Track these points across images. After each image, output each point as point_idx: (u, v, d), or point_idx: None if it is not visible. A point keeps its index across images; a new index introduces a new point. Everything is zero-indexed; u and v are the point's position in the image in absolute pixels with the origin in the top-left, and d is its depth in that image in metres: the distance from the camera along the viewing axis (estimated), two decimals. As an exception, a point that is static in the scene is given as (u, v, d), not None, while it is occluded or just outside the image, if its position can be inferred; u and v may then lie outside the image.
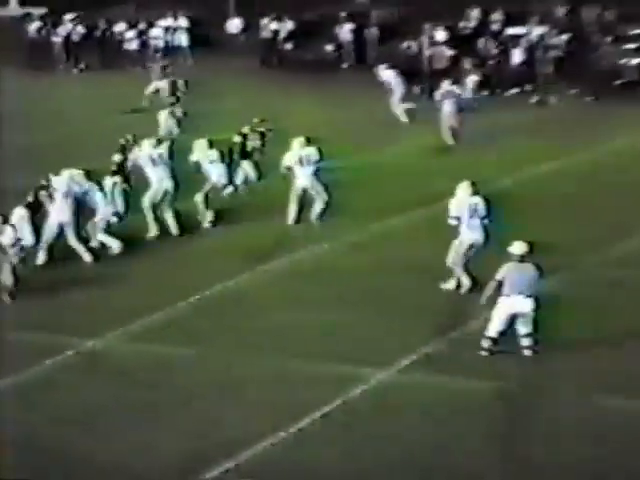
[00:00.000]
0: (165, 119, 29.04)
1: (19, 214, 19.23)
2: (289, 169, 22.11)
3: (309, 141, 22.24)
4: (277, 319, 17.19)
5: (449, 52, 37.18)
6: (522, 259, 15.57)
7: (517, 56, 36.59)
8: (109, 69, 38.73)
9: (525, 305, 15.43)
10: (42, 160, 25.30)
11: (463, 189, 18.27)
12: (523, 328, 15.56)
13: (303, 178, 21.93)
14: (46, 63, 41.10)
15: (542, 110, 33.34)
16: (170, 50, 40.55)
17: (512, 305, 15.46)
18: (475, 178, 22.73)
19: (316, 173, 22.01)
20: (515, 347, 15.54)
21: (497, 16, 40.69)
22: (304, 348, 16.10)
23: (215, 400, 14.76)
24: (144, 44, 40.78)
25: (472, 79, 33.34)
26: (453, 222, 18.22)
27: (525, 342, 15.56)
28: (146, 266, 19.92)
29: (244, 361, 15.80)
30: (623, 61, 34.17)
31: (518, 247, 15.63)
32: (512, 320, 15.51)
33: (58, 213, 19.98)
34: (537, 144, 28.12)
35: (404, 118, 31.40)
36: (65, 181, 20.22)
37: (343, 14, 41.35)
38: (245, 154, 23.57)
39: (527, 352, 15.55)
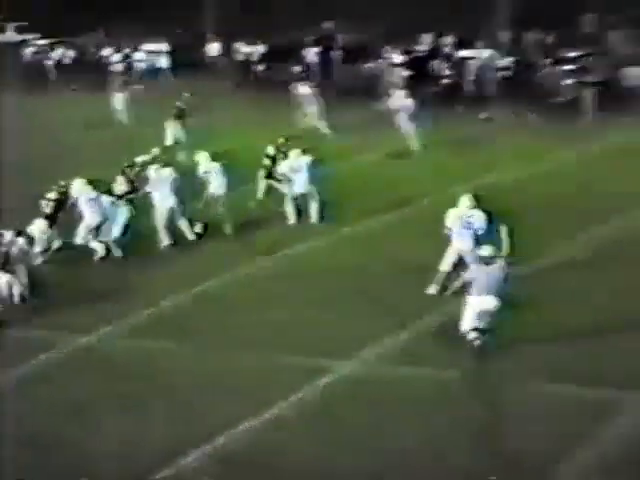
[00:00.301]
0: (173, 129, 28.92)
1: (39, 227, 19.41)
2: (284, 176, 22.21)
3: (304, 151, 22.24)
4: (256, 316, 17.12)
5: (405, 73, 37.22)
6: (489, 261, 15.41)
7: (467, 76, 36.65)
8: (97, 89, 38.54)
9: (492, 304, 15.21)
10: (33, 174, 25.33)
11: (463, 202, 18.01)
12: (480, 323, 15.32)
13: (299, 184, 22.02)
14: (40, 84, 40.91)
15: (489, 125, 33.45)
16: (152, 72, 40.56)
17: (480, 304, 15.25)
18: (437, 184, 23.05)
19: (311, 179, 22.03)
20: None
21: (448, 40, 40.85)
22: (279, 342, 16.04)
23: (195, 390, 14.69)
24: (129, 66, 40.72)
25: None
26: (446, 231, 18.03)
27: (471, 335, 15.32)
28: (140, 268, 19.84)
29: (223, 354, 15.73)
30: (562, 81, 34.27)
31: (486, 250, 15.51)
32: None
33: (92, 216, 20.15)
34: (483, 157, 28.24)
35: (326, 130, 31.52)
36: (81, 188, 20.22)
37: (310, 38, 41.34)
38: (271, 174, 23.04)
39: (477, 342, 15.29)
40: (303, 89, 32.97)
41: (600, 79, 34.26)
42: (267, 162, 23.25)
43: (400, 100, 31.42)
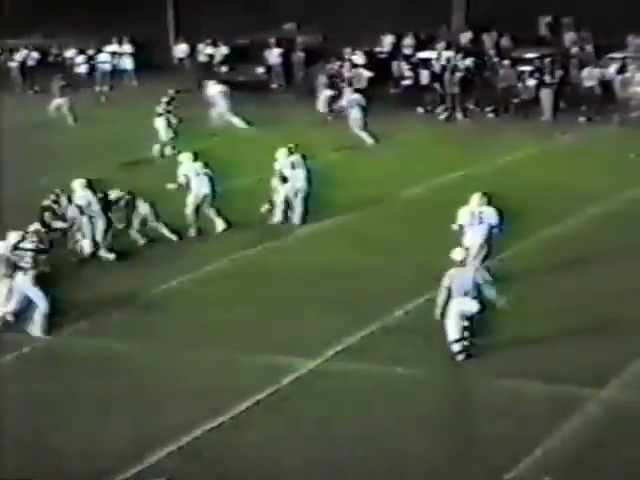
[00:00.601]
0: (163, 126, 29.06)
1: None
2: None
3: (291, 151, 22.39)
4: (217, 315, 17.21)
5: (367, 74, 37.28)
6: (462, 263, 15.37)
7: (427, 77, 36.75)
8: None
9: (472, 306, 15.11)
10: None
11: (474, 199, 18.41)
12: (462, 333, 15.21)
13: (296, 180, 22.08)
14: (4, 86, 40.62)
15: (450, 125, 33.64)
16: (116, 73, 40.45)
17: (459, 305, 15.15)
18: (392, 185, 23.16)
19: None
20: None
21: (408, 41, 40.95)
22: (243, 341, 16.16)
23: (159, 389, 14.76)
24: (93, 68, 40.55)
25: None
26: (455, 227, 18.34)
27: (456, 347, 15.22)
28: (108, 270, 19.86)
29: (187, 353, 15.83)
30: (519, 81, 34.44)
31: (458, 253, 15.45)
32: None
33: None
34: (445, 155, 28.43)
35: (241, 124, 31.96)
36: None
37: (272, 39, 41.32)
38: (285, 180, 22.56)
39: (460, 357, 15.22)
40: (213, 88, 33.10)
41: (558, 80, 34.44)
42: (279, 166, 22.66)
43: (348, 96, 31.86)
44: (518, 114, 33.95)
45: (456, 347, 15.21)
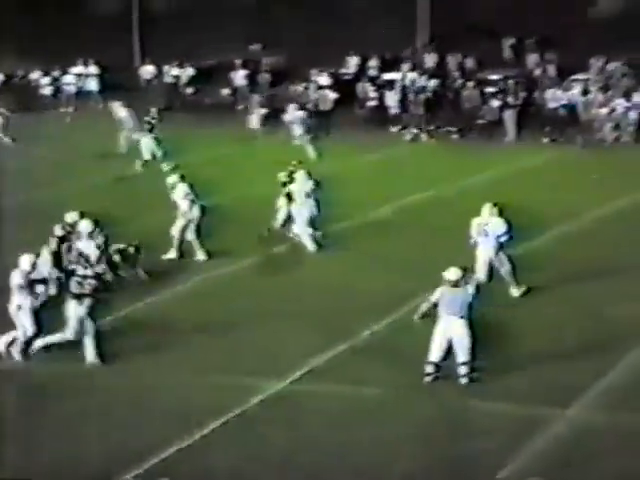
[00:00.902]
0: (146, 144, 29.62)
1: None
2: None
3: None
4: (190, 336, 17.19)
5: (332, 95, 37.44)
6: (456, 283, 15.21)
7: (392, 98, 36.95)
8: (27, 112, 38.28)
9: (458, 327, 15.02)
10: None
11: (484, 211, 18.62)
12: (460, 356, 15.13)
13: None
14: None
15: (415, 146, 33.82)
16: (82, 95, 40.37)
17: (446, 328, 15.06)
18: (360, 206, 23.22)
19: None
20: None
21: (373, 63, 41.16)
22: (210, 362, 16.15)
23: (128, 410, 14.73)
24: (58, 90, 40.46)
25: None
26: (471, 241, 18.57)
27: (461, 370, 15.16)
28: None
29: (155, 374, 15.80)
30: (483, 103, 34.70)
31: (453, 273, 15.27)
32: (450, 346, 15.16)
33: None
34: (411, 176, 28.57)
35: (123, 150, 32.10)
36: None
37: (237, 61, 41.41)
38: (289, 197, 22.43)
39: (463, 380, 15.14)
40: (119, 109, 33.43)
41: (521, 101, 34.73)
42: (284, 189, 22.46)
43: (293, 113, 32.57)
44: (482, 135, 34.17)
45: (429, 368, 15.22)
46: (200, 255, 21.32)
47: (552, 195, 25.55)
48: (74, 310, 16.13)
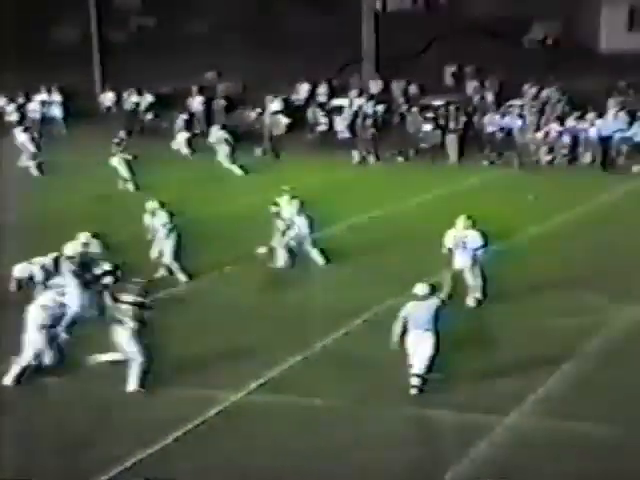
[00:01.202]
0: (119, 163, 30.16)
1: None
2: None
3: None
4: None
5: (285, 120, 37.59)
6: (423, 298, 15.35)
7: (340, 123, 37.18)
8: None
9: (423, 339, 15.11)
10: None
11: (459, 223, 18.88)
12: (415, 368, 15.19)
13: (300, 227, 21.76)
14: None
15: (362, 168, 34.01)
16: (46, 121, 40.21)
17: (416, 340, 15.16)
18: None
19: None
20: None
21: (323, 89, 41.39)
22: (168, 374, 16.15)
23: (88, 422, 14.74)
24: (23, 116, 40.27)
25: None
26: (445, 251, 18.79)
27: (413, 381, 15.23)
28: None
29: (113, 387, 15.78)
30: (427, 127, 34.95)
31: (420, 288, 15.42)
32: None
33: None
34: (359, 197, 28.74)
35: (36, 172, 32.58)
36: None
37: (194, 87, 41.45)
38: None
39: (413, 391, 15.24)
40: (20, 134, 33.65)
41: (462, 126, 35.06)
42: (275, 209, 22.33)
43: (215, 134, 33.33)
44: (426, 158, 34.46)
45: (414, 380, 15.26)
46: (181, 277, 21.06)
47: (490, 213, 25.79)
48: (119, 336, 15.79)
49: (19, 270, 19.54)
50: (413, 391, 15.22)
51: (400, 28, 44.08)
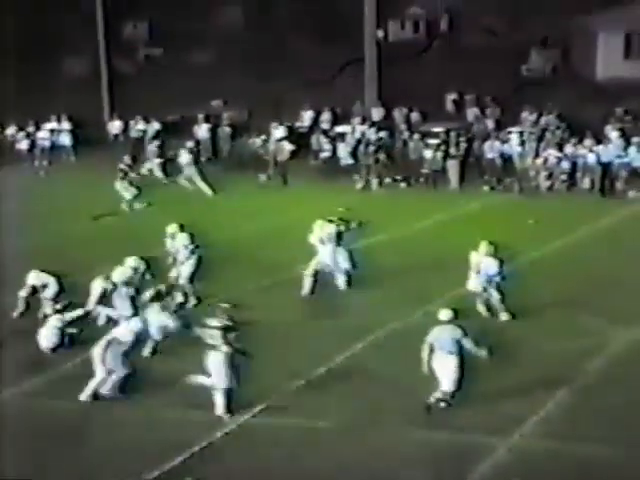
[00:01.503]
0: (122, 188, 30.94)
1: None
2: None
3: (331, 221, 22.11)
4: (155, 370, 17.13)
5: (289, 147, 37.61)
6: (448, 322, 15.65)
7: (343, 150, 37.20)
8: (2, 166, 38.17)
9: (448, 362, 15.37)
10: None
11: (481, 248, 19.44)
12: (444, 384, 15.42)
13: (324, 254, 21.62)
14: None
15: (365, 194, 34.00)
16: (55, 149, 40.27)
17: (440, 362, 15.40)
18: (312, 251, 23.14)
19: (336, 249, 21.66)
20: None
21: (326, 116, 41.46)
22: (175, 396, 16.13)
23: (98, 444, 14.72)
24: (33, 144, 40.34)
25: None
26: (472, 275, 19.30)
27: (438, 394, 15.43)
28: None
29: (122, 408, 15.79)
30: (428, 153, 34.96)
31: (445, 314, 15.75)
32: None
33: None
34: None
35: None
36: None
37: (200, 115, 41.53)
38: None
39: (442, 404, 15.44)
40: None
41: (462, 152, 35.07)
42: (333, 229, 22.06)
43: (184, 157, 34.24)
44: (428, 183, 34.46)
45: (444, 397, 15.44)
46: (192, 300, 20.78)
47: (491, 237, 25.75)
48: (212, 360, 15.71)
49: (34, 278, 19.54)
50: (442, 404, 15.40)
51: (402, 57, 44.21)
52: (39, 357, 18.09)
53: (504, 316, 19.43)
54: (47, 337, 18.22)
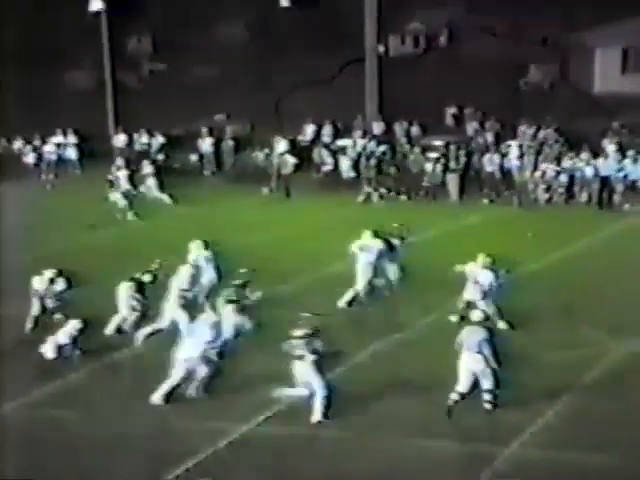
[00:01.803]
0: (119, 197, 31.81)
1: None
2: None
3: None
4: (153, 384, 17.07)
5: (292, 160, 37.71)
6: (476, 323, 16.09)
7: (345, 163, 37.30)
8: (10, 179, 38.26)
9: (477, 360, 15.68)
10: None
11: (479, 259, 19.76)
12: (484, 384, 15.76)
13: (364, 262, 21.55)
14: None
15: (367, 207, 34.06)
16: (61, 162, 40.38)
17: (467, 362, 15.74)
18: (314, 261, 23.20)
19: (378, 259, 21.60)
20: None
21: (327, 130, 41.54)
22: (179, 406, 16.20)
23: (103, 454, 14.78)
24: (40, 158, 40.46)
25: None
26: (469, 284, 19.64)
27: (485, 397, 15.74)
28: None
29: (129, 418, 15.86)
30: (428, 167, 35.05)
31: (476, 315, 16.32)
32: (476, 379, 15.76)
33: None
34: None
35: None
36: None
37: (204, 129, 41.63)
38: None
39: (487, 406, 15.71)
40: None
41: (462, 165, 35.15)
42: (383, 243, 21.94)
43: (146, 168, 35.43)
44: (428, 196, 34.54)
45: (453, 396, 15.65)
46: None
47: (490, 250, 25.81)
48: (300, 370, 15.87)
49: (38, 282, 19.68)
50: (488, 406, 15.66)
51: (402, 71, 44.33)
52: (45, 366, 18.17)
53: (501, 324, 19.49)
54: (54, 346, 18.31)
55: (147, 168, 35.83)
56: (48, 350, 18.14)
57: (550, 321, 20.08)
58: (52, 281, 19.92)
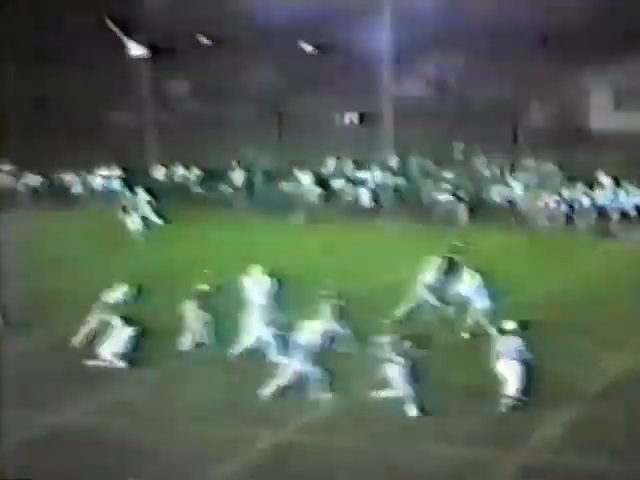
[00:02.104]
0: (129, 222, 32.23)
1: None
2: None
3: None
4: (193, 399, 17.14)
5: (317, 190, 37.82)
6: (511, 332, 16.42)
7: (364, 194, 37.45)
8: (61, 209, 38.59)
9: (513, 365, 16.06)
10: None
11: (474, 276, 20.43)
12: (513, 384, 16.01)
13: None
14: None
15: (384, 234, 34.02)
16: (107, 194, 40.67)
17: (505, 367, 16.14)
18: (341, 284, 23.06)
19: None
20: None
21: (348, 164, 41.69)
22: (214, 415, 16.19)
23: (144, 458, 14.72)
24: (87, 189, 40.80)
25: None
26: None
27: (512, 393, 16.04)
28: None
29: (167, 430, 15.82)
30: (440, 197, 35.19)
31: (509, 324, 16.62)
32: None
33: None
34: (385, 258, 28.76)
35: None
36: None
37: (235, 162, 41.85)
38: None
39: (512, 402, 16.01)
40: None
41: (470, 196, 35.27)
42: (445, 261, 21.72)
43: (141, 195, 36.03)
44: (440, 224, 34.59)
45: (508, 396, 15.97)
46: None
47: (498, 273, 25.85)
48: (391, 372, 16.01)
49: (106, 295, 19.70)
50: (512, 403, 15.94)
51: (415, 111, 44.51)
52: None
53: (466, 335, 19.85)
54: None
55: (141, 194, 36.20)
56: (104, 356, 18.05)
57: (556, 336, 19.98)
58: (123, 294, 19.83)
